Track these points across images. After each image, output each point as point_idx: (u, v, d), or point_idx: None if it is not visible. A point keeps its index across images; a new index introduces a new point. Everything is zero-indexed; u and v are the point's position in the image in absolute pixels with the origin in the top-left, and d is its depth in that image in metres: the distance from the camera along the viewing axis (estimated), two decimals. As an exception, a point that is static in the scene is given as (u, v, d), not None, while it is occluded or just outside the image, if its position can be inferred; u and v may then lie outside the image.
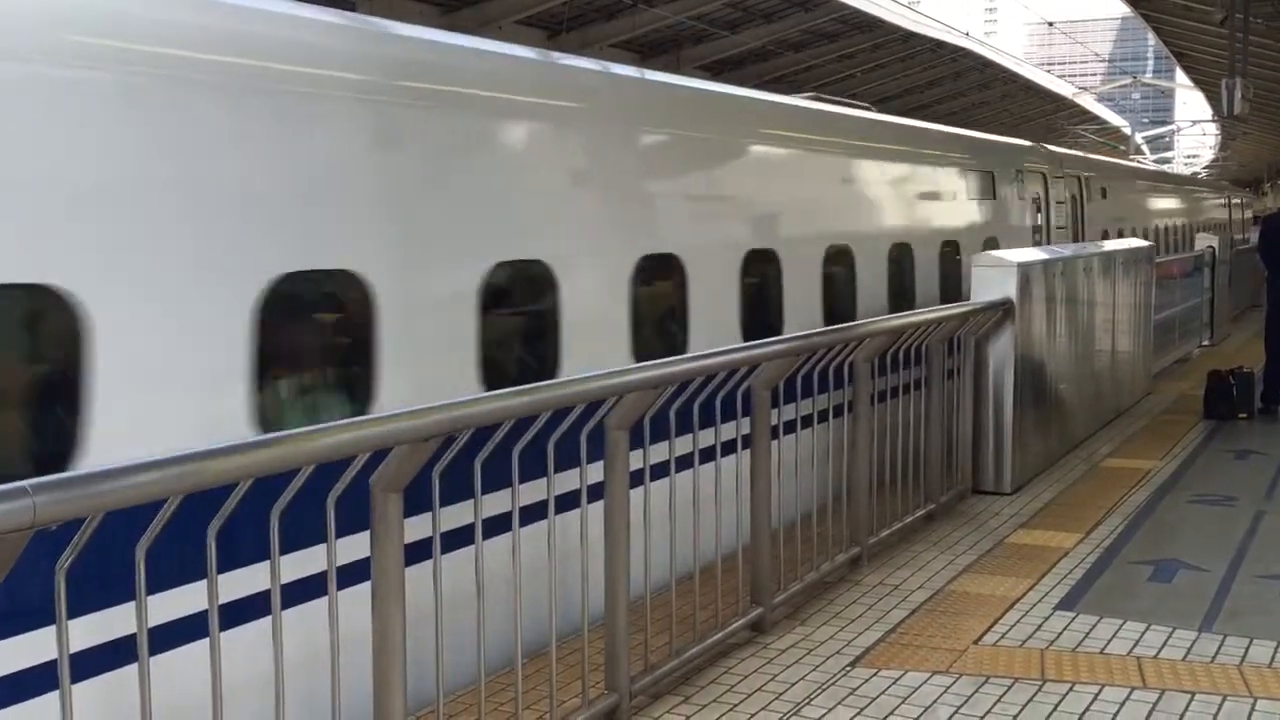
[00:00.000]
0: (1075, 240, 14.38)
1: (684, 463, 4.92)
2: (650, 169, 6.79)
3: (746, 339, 6.82)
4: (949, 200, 10.86)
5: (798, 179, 8.25)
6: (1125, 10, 25.86)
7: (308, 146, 4.49)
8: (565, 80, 6.40)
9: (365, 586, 3.46)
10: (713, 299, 6.83)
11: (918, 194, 10.17)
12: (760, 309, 7.38)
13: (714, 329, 6.73)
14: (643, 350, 6.09)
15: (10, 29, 3.59)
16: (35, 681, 3.33)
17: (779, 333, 7.02)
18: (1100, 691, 4.71)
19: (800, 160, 8.42)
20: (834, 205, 8.72)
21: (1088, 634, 5.36)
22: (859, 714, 4.53)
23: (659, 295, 6.52)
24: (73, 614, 2.62)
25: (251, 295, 4.17)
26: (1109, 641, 5.26)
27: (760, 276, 7.45)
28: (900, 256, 9.35)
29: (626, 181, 6.48)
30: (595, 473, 4.36)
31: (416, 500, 3.55)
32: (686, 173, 7.14)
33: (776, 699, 4.66)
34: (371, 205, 4.75)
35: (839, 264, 8.39)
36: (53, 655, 2.57)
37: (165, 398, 3.93)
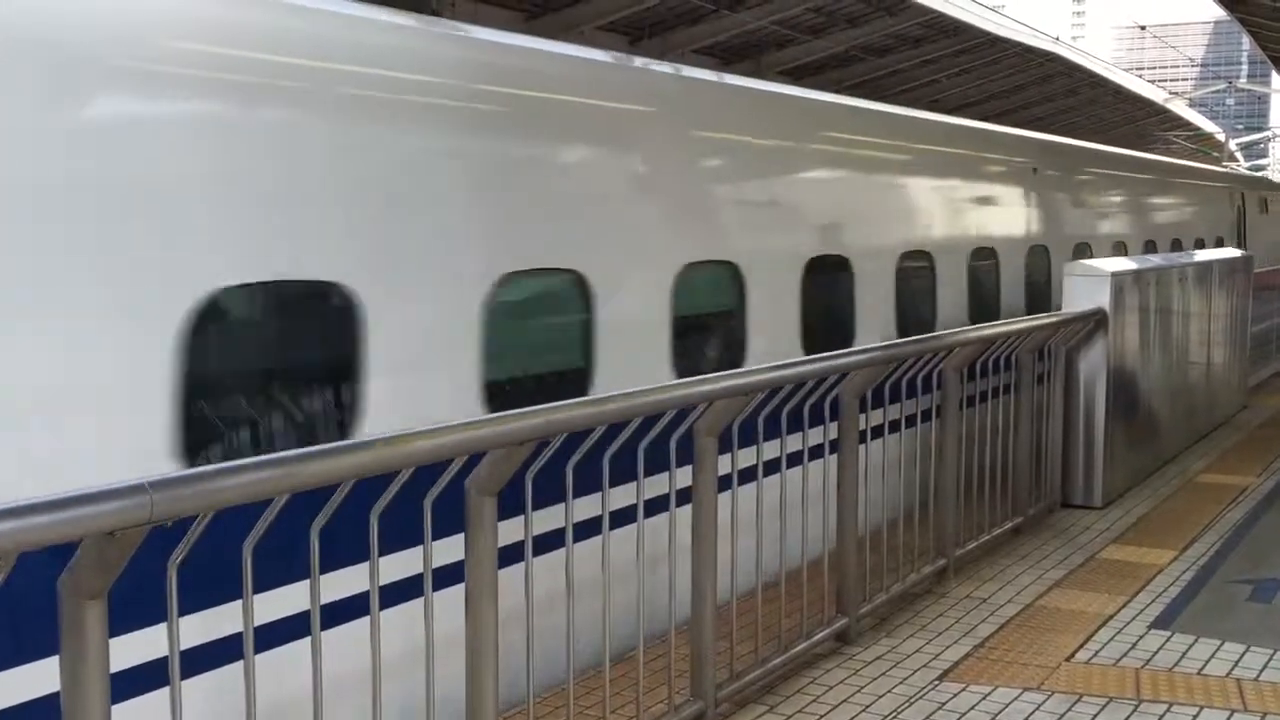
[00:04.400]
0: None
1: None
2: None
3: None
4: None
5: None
6: (1219, 13, 25.21)
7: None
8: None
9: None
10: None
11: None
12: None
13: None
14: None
15: None
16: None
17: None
18: (1198, 714, 4.59)
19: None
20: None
21: (1184, 654, 5.22)
22: (948, 729, 4.47)
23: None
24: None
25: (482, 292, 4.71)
26: (1207, 662, 5.13)
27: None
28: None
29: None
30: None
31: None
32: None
33: (863, 711, 4.61)
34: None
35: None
36: (159, 653, 2.63)
37: (427, 374, 4.49)
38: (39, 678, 3.07)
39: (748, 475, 4.79)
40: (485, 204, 4.78)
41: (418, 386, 4.43)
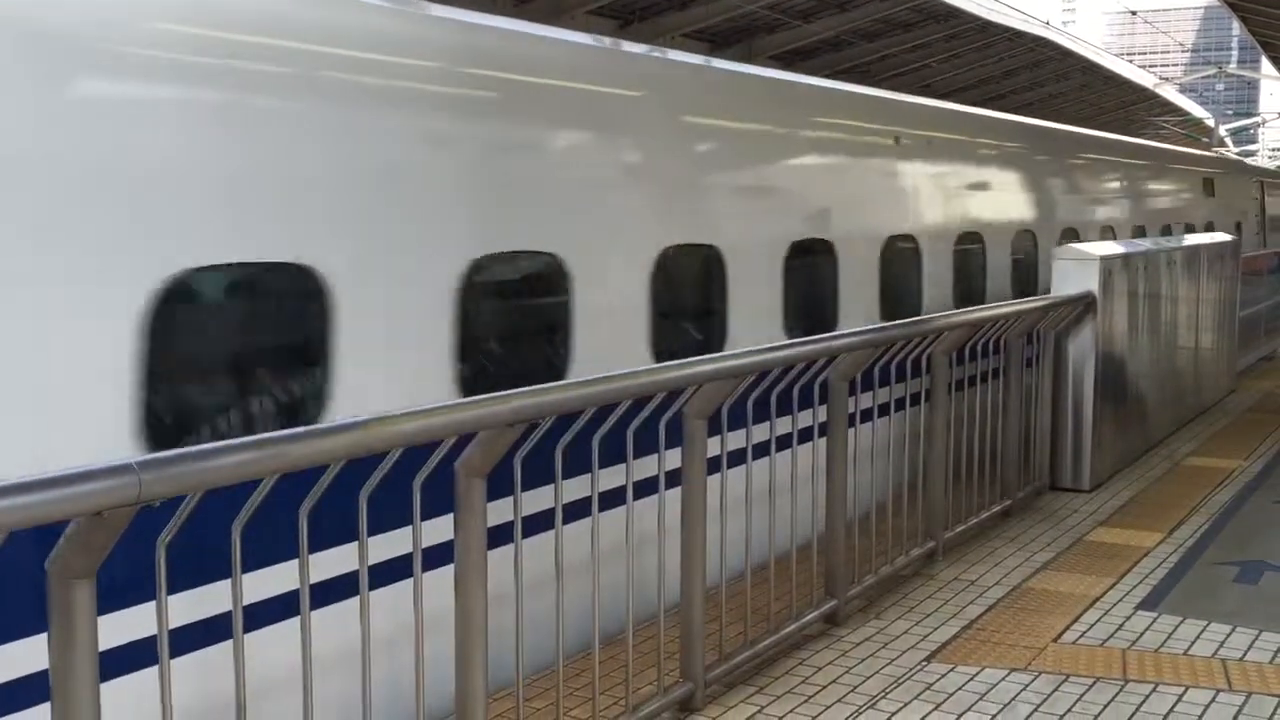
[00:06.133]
0: None
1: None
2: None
3: None
4: None
5: None
6: (1210, -1, 25.18)
7: None
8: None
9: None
10: None
11: None
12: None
13: None
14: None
15: None
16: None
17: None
18: (1184, 693, 4.62)
19: None
20: None
21: (1171, 635, 5.26)
22: (935, 709, 4.49)
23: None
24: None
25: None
26: (1193, 643, 5.16)
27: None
28: None
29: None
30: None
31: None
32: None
33: (851, 692, 4.64)
34: None
35: None
36: (146, 632, 2.63)
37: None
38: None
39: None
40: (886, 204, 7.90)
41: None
